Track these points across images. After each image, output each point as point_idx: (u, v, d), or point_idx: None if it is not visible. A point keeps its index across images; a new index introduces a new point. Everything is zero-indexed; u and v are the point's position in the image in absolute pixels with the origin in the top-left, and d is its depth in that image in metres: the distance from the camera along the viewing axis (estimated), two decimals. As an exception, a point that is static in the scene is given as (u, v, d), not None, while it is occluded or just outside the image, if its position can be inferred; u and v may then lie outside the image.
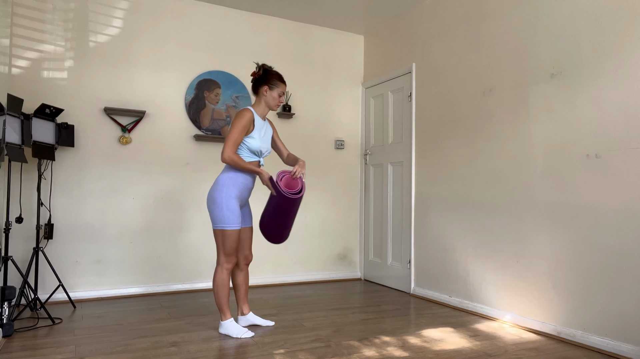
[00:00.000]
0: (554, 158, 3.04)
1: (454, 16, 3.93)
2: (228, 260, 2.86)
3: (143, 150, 4.12)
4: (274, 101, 2.94)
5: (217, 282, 2.87)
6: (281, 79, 2.94)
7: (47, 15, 3.81)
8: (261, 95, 2.93)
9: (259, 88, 2.92)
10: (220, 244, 2.84)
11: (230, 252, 2.84)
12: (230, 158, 2.75)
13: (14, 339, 2.80)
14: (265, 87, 2.90)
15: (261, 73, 2.92)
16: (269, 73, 2.92)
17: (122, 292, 3.99)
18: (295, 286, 4.60)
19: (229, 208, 2.79)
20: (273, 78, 2.91)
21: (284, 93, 2.97)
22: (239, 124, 2.78)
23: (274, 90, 2.92)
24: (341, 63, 5.08)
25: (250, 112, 2.84)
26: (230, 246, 2.83)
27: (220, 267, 2.86)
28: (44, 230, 3.61)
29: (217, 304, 2.91)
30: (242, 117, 2.79)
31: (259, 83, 2.92)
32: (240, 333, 2.87)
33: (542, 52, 3.15)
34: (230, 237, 2.81)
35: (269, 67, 2.95)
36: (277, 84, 2.92)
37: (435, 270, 4.02)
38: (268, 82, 2.91)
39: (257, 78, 2.93)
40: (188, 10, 4.35)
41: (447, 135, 3.94)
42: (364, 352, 2.63)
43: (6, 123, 2.99)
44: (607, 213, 2.72)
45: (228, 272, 2.87)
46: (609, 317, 2.69)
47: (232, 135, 2.77)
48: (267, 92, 2.92)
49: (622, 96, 2.68)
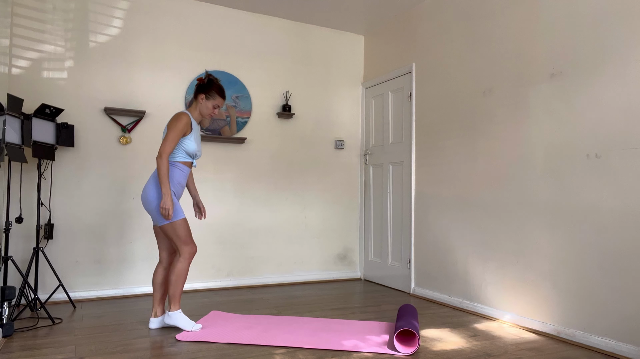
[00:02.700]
0: (554, 158, 3.04)
1: (454, 16, 3.93)
2: (190, 249, 2.91)
3: (143, 150, 4.12)
4: (207, 110, 3.05)
5: (177, 272, 2.89)
6: (221, 93, 3.05)
7: (47, 15, 3.81)
8: (197, 101, 3.04)
9: (198, 95, 3.04)
10: (175, 237, 2.88)
11: (187, 240, 2.89)
12: (161, 160, 2.81)
13: (14, 339, 2.80)
14: (202, 95, 3.02)
15: (205, 82, 3.03)
16: (212, 84, 3.03)
17: (122, 292, 3.99)
18: (295, 286, 4.60)
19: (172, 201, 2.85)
20: (213, 89, 3.03)
21: (219, 106, 3.08)
22: (175, 127, 2.86)
23: (209, 100, 3.03)
24: (341, 64, 5.08)
25: (187, 116, 2.92)
26: (185, 235, 2.88)
27: (183, 258, 2.90)
28: (44, 230, 3.61)
29: (171, 293, 2.91)
30: (179, 120, 2.88)
31: (200, 90, 3.03)
32: (190, 325, 2.92)
33: (542, 52, 3.15)
34: (181, 227, 2.87)
35: (215, 78, 3.05)
36: (214, 96, 3.03)
37: (435, 270, 4.02)
38: (207, 91, 3.03)
39: (200, 85, 3.04)
40: (188, 10, 4.35)
41: (447, 135, 3.94)
42: (364, 352, 2.63)
43: (6, 123, 2.99)
44: (607, 213, 2.72)
45: (189, 263, 2.91)
46: (609, 317, 2.69)
47: (169, 136, 2.85)
48: (203, 101, 3.03)
49: (622, 96, 2.68)
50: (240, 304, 3.77)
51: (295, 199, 4.78)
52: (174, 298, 2.91)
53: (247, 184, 4.55)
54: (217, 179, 4.42)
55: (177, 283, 2.90)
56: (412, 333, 2.83)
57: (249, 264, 4.54)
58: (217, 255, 4.40)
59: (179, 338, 2.81)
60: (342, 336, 2.90)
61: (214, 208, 4.40)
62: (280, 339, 2.80)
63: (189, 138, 2.96)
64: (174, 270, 2.90)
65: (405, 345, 2.70)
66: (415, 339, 2.76)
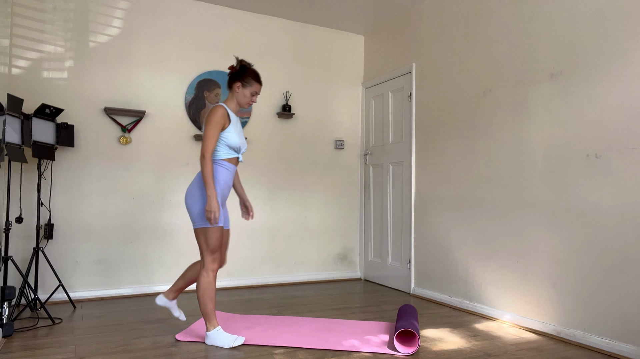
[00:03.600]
0: (554, 158, 3.04)
1: (454, 16, 3.93)
2: (214, 259, 2.70)
3: (143, 150, 4.12)
4: (245, 99, 2.83)
5: (202, 286, 2.68)
6: (257, 78, 2.84)
7: (47, 15, 3.81)
8: (234, 91, 2.83)
9: (233, 84, 2.82)
10: (204, 244, 2.68)
11: (215, 249, 2.69)
12: (204, 161, 2.63)
13: (14, 339, 2.79)
14: (238, 83, 2.80)
15: (238, 69, 2.82)
16: (245, 70, 2.82)
17: (122, 292, 3.99)
18: (295, 286, 4.60)
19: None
20: (248, 75, 2.81)
21: (257, 93, 2.87)
22: (212, 121, 2.66)
23: (246, 88, 2.81)
24: (341, 63, 5.08)
25: (223, 107, 2.72)
26: (214, 244, 2.68)
27: (206, 270, 2.69)
28: (44, 230, 3.61)
29: (202, 311, 2.69)
30: (216, 114, 2.68)
31: (234, 78, 2.82)
32: (230, 341, 2.69)
33: (542, 52, 3.15)
34: (214, 235, 2.67)
35: (248, 63, 2.85)
36: (251, 82, 2.81)
37: (435, 270, 4.02)
38: (243, 78, 2.80)
39: (233, 73, 2.83)
40: (188, 10, 4.35)
41: (447, 135, 3.94)
42: (364, 352, 2.63)
43: (6, 123, 2.99)
44: (607, 213, 2.72)
45: (214, 275, 2.71)
46: (609, 317, 2.69)
47: (208, 133, 2.65)
48: (240, 89, 2.81)
49: (622, 96, 2.68)
50: (240, 304, 3.77)
51: (295, 199, 4.78)
52: (207, 316, 2.69)
53: (247, 184, 4.55)
54: (217, 179, 4.41)
55: (205, 299, 2.68)
56: (412, 333, 2.83)
57: (249, 264, 4.54)
58: (217, 255, 4.39)
59: (178, 338, 2.81)
60: (341, 336, 2.89)
61: (214, 208, 4.40)
62: (280, 339, 2.79)
63: (229, 131, 2.74)
64: (199, 286, 2.68)
65: (405, 345, 2.70)
66: (415, 339, 2.76)
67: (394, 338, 2.66)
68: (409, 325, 2.68)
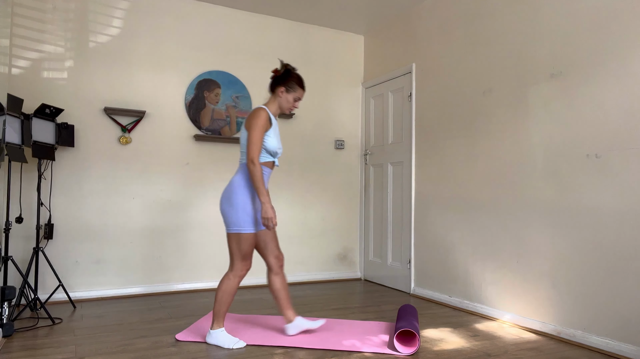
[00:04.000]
0: (554, 158, 3.04)
1: (454, 16, 3.93)
2: (243, 267, 2.69)
3: (143, 150, 4.12)
4: (287, 104, 2.82)
5: (224, 288, 2.68)
6: (301, 84, 2.82)
7: (47, 15, 3.81)
8: (277, 95, 2.81)
9: (276, 88, 2.81)
10: (236, 249, 2.67)
11: (246, 256, 2.68)
12: (254, 167, 2.61)
13: (14, 339, 2.79)
14: (282, 87, 2.79)
15: (282, 73, 2.81)
16: (289, 75, 2.80)
17: (122, 292, 3.99)
18: (295, 286, 4.60)
19: (245, 211, 2.66)
20: (292, 80, 2.80)
21: (300, 98, 2.85)
22: (257, 125, 2.65)
23: (290, 93, 2.80)
24: (341, 64, 5.08)
25: (265, 111, 2.71)
26: (246, 251, 2.67)
27: (233, 274, 2.69)
28: (44, 230, 3.61)
29: (215, 310, 2.71)
30: (259, 117, 2.66)
31: (278, 82, 2.81)
32: (232, 343, 2.68)
33: (542, 52, 3.15)
34: (247, 241, 2.66)
35: (292, 68, 2.83)
36: (295, 88, 2.80)
37: (435, 270, 4.02)
38: (286, 83, 2.79)
39: (277, 77, 2.82)
40: (188, 10, 4.35)
41: (447, 135, 3.94)
42: (364, 352, 2.63)
43: (6, 123, 2.99)
44: (607, 213, 2.72)
45: (239, 281, 2.70)
46: (609, 317, 2.69)
47: (254, 137, 2.63)
48: (283, 94, 2.80)
49: (622, 96, 2.68)
50: (240, 305, 3.77)
51: (295, 199, 4.78)
52: (217, 315, 2.70)
53: (247, 184, 4.55)
54: (217, 179, 4.42)
55: (223, 300, 2.69)
56: (413, 333, 2.83)
57: (249, 264, 4.53)
58: (217, 255, 4.40)
59: (178, 338, 2.81)
60: (342, 336, 2.89)
61: (214, 208, 4.40)
62: (280, 340, 2.79)
63: (269, 135, 2.72)
64: (221, 286, 2.69)
65: (405, 345, 2.70)
66: (415, 339, 2.76)
67: (394, 338, 2.66)
68: (409, 325, 2.68)
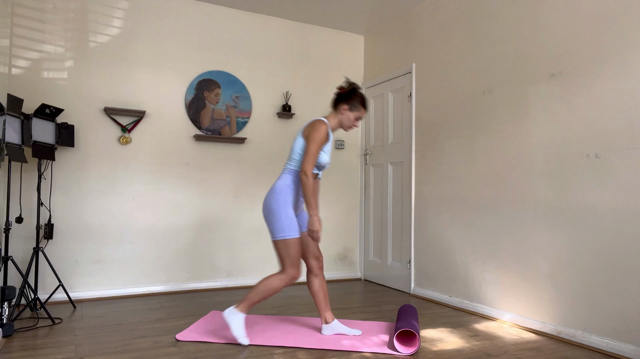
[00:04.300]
0: (554, 158, 3.04)
1: (454, 16, 3.93)
2: (294, 275, 2.70)
3: (143, 150, 4.12)
4: (348, 122, 2.83)
5: (269, 284, 2.69)
6: (364, 104, 2.84)
7: (47, 15, 3.81)
8: (339, 111, 2.83)
9: (339, 105, 2.83)
10: (285, 255, 2.68)
11: (297, 262, 2.69)
12: (307, 180, 2.64)
13: (14, 339, 2.80)
14: (345, 105, 2.80)
15: (347, 91, 2.82)
16: (354, 94, 2.82)
17: (122, 292, 3.99)
18: (295, 286, 4.60)
19: (287, 216, 2.67)
20: (356, 100, 2.81)
21: (361, 118, 2.87)
22: (318, 138, 2.67)
23: (353, 111, 2.81)
24: (341, 64, 5.08)
25: (326, 125, 2.72)
26: (296, 256, 2.68)
27: (282, 278, 2.69)
28: (44, 230, 3.61)
29: (249, 296, 2.71)
30: (321, 131, 2.68)
31: (342, 99, 2.82)
32: (240, 334, 2.70)
33: (542, 52, 3.15)
34: (294, 246, 2.68)
35: (358, 87, 2.85)
36: (358, 107, 2.81)
37: (435, 270, 4.02)
38: (350, 101, 2.80)
39: (341, 94, 2.83)
40: (188, 10, 4.35)
41: (447, 135, 3.94)
42: (364, 352, 2.63)
43: (6, 123, 2.99)
44: (607, 213, 2.72)
45: (284, 285, 2.71)
46: (609, 317, 2.69)
47: (312, 150, 2.65)
48: (346, 112, 2.81)
49: (622, 96, 2.68)
50: (240, 304, 3.77)
51: (295, 199, 4.77)
52: (248, 301, 2.71)
53: (247, 184, 4.55)
54: (217, 179, 4.42)
55: (260, 292, 2.69)
56: (412, 333, 2.83)
57: (249, 264, 4.54)
58: (217, 255, 4.40)
59: (179, 338, 2.81)
60: (341, 336, 2.89)
61: (214, 208, 4.40)
62: (280, 340, 2.79)
63: (324, 150, 2.76)
64: (267, 280, 2.70)
65: (405, 345, 2.70)
66: (415, 339, 2.76)
67: (394, 338, 2.66)
68: (409, 325, 2.68)
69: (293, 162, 2.79)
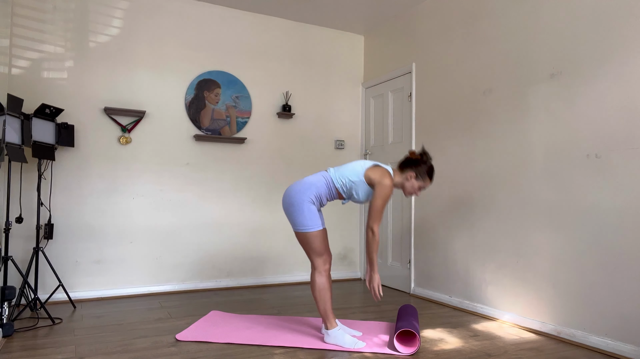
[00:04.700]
0: (554, 158, 3.04)
1: (454, 16, 3.93)
2: (325, 261, 2.73)
3: (143, 150, 4.12)
4: (411, 189, 2.79)
5: (317, 287, 2.72)
6: (431, 176, 2.80)
7: (47, 15, 3.81)
8: (405, 175, 2.78)
9: (407, 169, 2.77)
10: (308, 247, 2.72)
11: (321, 252, 2.71)
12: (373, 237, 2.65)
13: (14, 339, 2.80)
14: (413, 173, 2.75)
15: (418, 158, 2.78)
16: (424, 163, 2.77)
17: (122, 292, 3.99)
18: (295, 286, 4.60)
19: (310, 211, 2.68)
20: (425, 170, 2.77)
21: (425, 188, 2.88)
22: (386, 195, 2.65)
23: (418, 180, 2.77)
24: (341, 64, 5.08)
25: (392, 182, 2.69)
26: (320, 246, 2.70)
27: (319, 272, 2.72)
28: (44, 230, 3.61)
29: (320, 311, 2.74)
30: (388, 188, 2.65)
31: (410, 165, 2.78)
32: (351, 343, 2.67)
33: (542, 52, 3.15)
34: (317, 238, 2.69)
35: (429, 157, 2.81)
36: (424, 178, 2.78)
37: (435, 270, 4.02)
38: (418, 170, 2.76)
39: (411, 160, 2.79)
40: (188, 10, 4.35)
41: (447, 135, 3.94)
42: (364, 352, 2.63)
43: (6, 123, 2.99)
44: (607, 213, 2.72)
45: (327, 274, 2.73)
46: (609, 317, 2.69)
47: (378, 206, 2.64)
48: (411, 179, 2.77)
49: (622, 96, 2.68)
50: (240, 304, 3.77)
51: (295, 199, 4.77)
52: (325, 315, 2.73)
53: (247, 184, 4.55)
54: (217, 179, 4.42)
55: (322, 298, 2.71)
56: (413, 333, 2.83)
57: (249, 264, 4.54)
58: (217, 255, 4.40)
59: (179, 338, 2.81)
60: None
61: (214, 208, 4.40)
62: (280, 339, 2.79)
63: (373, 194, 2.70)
64: (313, 286, 2.73)
65: (405, 345, 2.70)
66: (415, 339, 2.76)
67: (394, 338, 2.66)
68: (409, 325, 2.68)
69: (337, 175, 2.76)
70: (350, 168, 2.77)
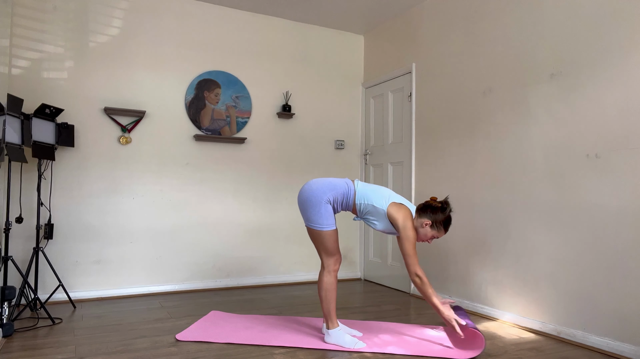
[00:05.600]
0: (554, 158, 3.04)
1: (454, 16, 3.93)
2: (335, 261, 2.75)
3: (143, 150, 4.12)
4: (424, 236, 2.75)
5: (323, 286, 2.73)
6: (447, 227, 2.75)
7: (47, 15, 3.81)
8: (420, 221, 2.71)
9: (424, 216, 2.71)
10: (319, 245, 2.73)
11: (333, 251, 2.73)
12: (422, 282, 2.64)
13: (14, 339, 2.80)
14: (429, 221, 2.69)
15: (438, 207, 2.72)
16: (442, 212, 2.71)
17: (122, 292, 3.99)
18: (295, 286, 4.60)
19: (327, 210, 2.70)
20: (441, 220, 2.71)
21: (437, 238, 2.89)
22: (413, 238, 2.65)
23: (433, 229, 2.72)
24: (341, 63, 5.08)
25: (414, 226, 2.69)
26: (332, 246, 2.72)
27: (328, 271, 2.74)
28: (44, 230, 3.61)
29: (324, 310, 2.75)
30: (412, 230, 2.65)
31: (429, 211, 2.71)
32: (351, 343, 2.68)
33: (542, 52, 3.15)
34: (330, 237, 2.71)
35: (450, 209, 2.75)
36: (439, 228, 2.72)
37: (435, 270, 4.02)
38: (435, 218, 2.70)
39: (432, 206, 2.73)
40: (188, 10, 4.35)
41: (447, 135, 3.94)
42: (364, 352, 2.63)
43: (6, 123, 2.99)
44: (607, 213, 2.72)
45: (335, 274, 2.75)
46: (609, 317, 2.69)
47: (410, 250, 2.64)
48: (426, 226, 2.71)
49: (622, 96, 2.68)
50: (240, 304, 3.77)
51: (295, 199, 4.78)
52: (328, 315, 2.74)
53: (247, 184, 4.55)
54: (217, 179, 4.42)
55: (328, 298, 2.73)
56: (479, 334, 2.68)
57: (249, 264, 4.54)
58: (217, 255, 4.40)
59: (178, 338, 2.81)
60: None
61: (214, 208, 4.40)
62: (280, 339, 2.79)
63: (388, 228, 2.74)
64: (320, 285, 2.75)
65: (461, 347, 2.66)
66: (476, 342, 2.66)
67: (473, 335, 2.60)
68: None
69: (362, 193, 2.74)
70: (378, 194, 2.73)
